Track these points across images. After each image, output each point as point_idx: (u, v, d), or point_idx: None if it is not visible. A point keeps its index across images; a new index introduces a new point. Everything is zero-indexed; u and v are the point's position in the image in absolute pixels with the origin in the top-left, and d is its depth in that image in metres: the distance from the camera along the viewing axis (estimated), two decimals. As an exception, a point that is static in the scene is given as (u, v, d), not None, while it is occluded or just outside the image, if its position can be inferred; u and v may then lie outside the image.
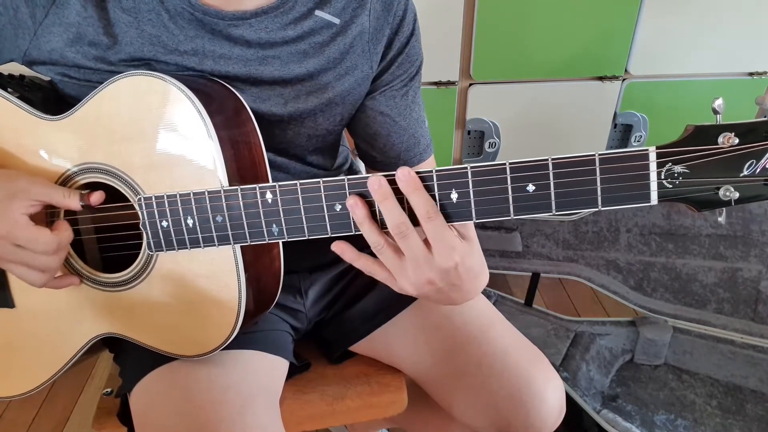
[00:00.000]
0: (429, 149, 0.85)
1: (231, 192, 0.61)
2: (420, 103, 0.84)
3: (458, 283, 0.60)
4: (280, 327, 0.84)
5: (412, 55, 0.79)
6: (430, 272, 0.58)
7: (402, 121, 0.81)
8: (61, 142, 0.68)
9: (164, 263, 0.68)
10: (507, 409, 0.76)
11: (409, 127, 0.82)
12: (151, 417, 0.69)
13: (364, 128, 0.81)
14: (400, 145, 0.82)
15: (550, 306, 1.78)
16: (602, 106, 1.69)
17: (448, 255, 0.57)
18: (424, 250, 0.57)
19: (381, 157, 0.83)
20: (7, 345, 0.76)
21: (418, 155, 0.83)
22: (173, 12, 0.67)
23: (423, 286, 0.59)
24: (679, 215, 1.40)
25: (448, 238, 0.57)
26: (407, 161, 0.83)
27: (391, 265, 0.59)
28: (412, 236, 0.56)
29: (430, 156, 0.86)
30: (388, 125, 0.80)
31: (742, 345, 1.41)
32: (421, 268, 0.58)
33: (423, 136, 0.84)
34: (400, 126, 0.81)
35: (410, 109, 0.81)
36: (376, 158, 0.84)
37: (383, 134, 0.81)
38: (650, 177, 0.51)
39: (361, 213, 0.57)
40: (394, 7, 0.75)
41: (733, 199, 0.51)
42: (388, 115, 0.80)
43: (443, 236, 0.56)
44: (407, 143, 0.82)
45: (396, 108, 0.80)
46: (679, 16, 1.60)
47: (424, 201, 0.55)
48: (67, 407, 1.49)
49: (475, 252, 0.60)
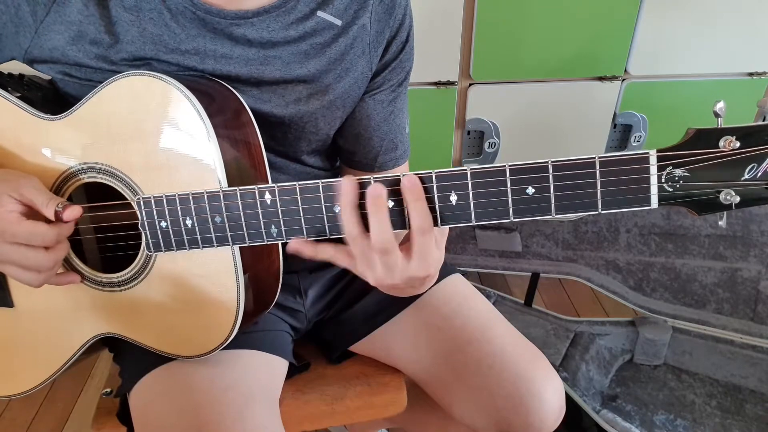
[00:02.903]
0: (405, 155, 0.86)
1: (230, 193, 0.61)
2: (404, 110, 0.84)
3: (417, 286, 0.61)
4: (280, 327, 0.84)
5: (404, 61, 0.80)
6: (400, 279, 0.58)
7: (385, 126, 0.81)
8: (61, 141, 0.68)
9: (163, 263, 0.67)
10: (507, 409, 0.76)
11: (391, 132, 0.82)
12: (151, 417, 0.69)
13: (348, 129, 0.82)
14: (379, 148, 0.83)
15: (550, 306, 1.78)
16: (602, 107, 1.69)
17: (425, 269, 0.58)
18: (401, 262, 0.57)
19: (359, 156, 0.84)
20: (7, 344, 0.76)
21: (394, 159, 0.84)
22: (175, 11, 0.67)
23: (386, 284, 0.60)
24: (678, 215, 1.40)
25: (431, 252, 0.57)
26: (383, 164, 0.84)
27: (360, 255, 0.58)
28: (393, 252, 0.56)
29: (405, 162, 0.87)
30: (372, 129, 0.81)
31: (741, 345, 1.41)
32: (393, 275, 0.58)
33: (402, 142, 0.85)
34: (382, 131, 0.82)
35: (395, 115, 0.82)
36: (354, 156, 0.84)
37: (365, 136, 0.81)
38: (651, 180, 0.51)
39: (348, 199, 0.55)
40: (395, 10, 0.75)
41: (734, 203, 0.51)
42: (374, 119, 0.81)
43: (428, 251, 0.56)
44: (386, 147, 0.83)
45: (382, 113, 0.81)
46: (678, 16, 1.60)
47: (423, 213, 0.55)
48: (67, 407, 1.49)
49: (442, 258, 0.61)
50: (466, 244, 1.60)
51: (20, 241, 0.61)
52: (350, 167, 0.85)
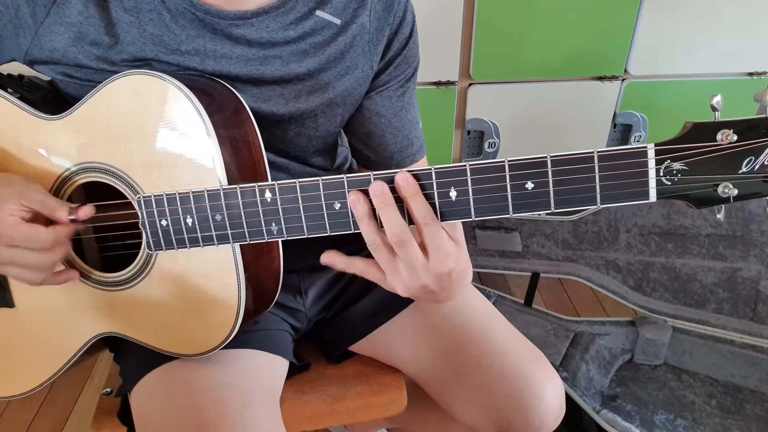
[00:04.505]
0: (422, 150, 0.86)
1: (230, 191, 0.61)
2: (415, 104, 0.84)
3: (448, 286, 0.61)
4: (280, 326, 0.84)
5: (409, 57, 0.80)
6: (426, 277, 0.59)
7: (397, 122, 0.81)
8: (61, 141, 0.68)
9: (164, 262, 0.68)
10: (506, 409, 0.76)
11: (404, 128, 0.82)
12: (152, 416, 0.69)
13: (359, 127, 0.82)
14: (394, 145, 0.82)
15: (550, 306, 1.78)
16: (602, 106, 1.69)
17: (444, 261, 0.58)
18: (421, 257, 0.58)
19: (374, 156, 0.84)
20: (7, 345, 0.76)
21: (411, 156, 0.84)
22: (175, 12, 0.67)
23: (415, 289, 0.60)
24: (678, 215, 1.40)
25: (444, 244, 0.58)
26: (400, 161, 0.84)
27: (386, 264, 0.59)
28: (410, 244, 0.57)
29: (423, 157, 0.87)
30: (383, 126, 0.81)
31: (741, 345, 1.41)
32: (417, 273, 0.58)
33: (417, 138, 0.84)
34: (394, 127, 0.81)
35: (405, 110, 0.82)
36: (370, 157, 0.84)
37: (378, 134, 0.81)
38: (649, 174, 0.51)
39: (363, 209, 0.57)
40: (394, 7, 0.75)
41: (731, 195, 0.51)
42: (384, 116, 0.80)
43: (439, 242, 0.57)
44: (401, 144, 0.83)
45: (392, 109, 0.81)
46: (678, 16, 1.60)
47: (422, 206, 0.56)
48: (67, 407, 1.49)
49: (464, 254, 0.61)
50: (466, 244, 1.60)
51: (17, 244, 0.62)
52: (368, 169, 0.85)
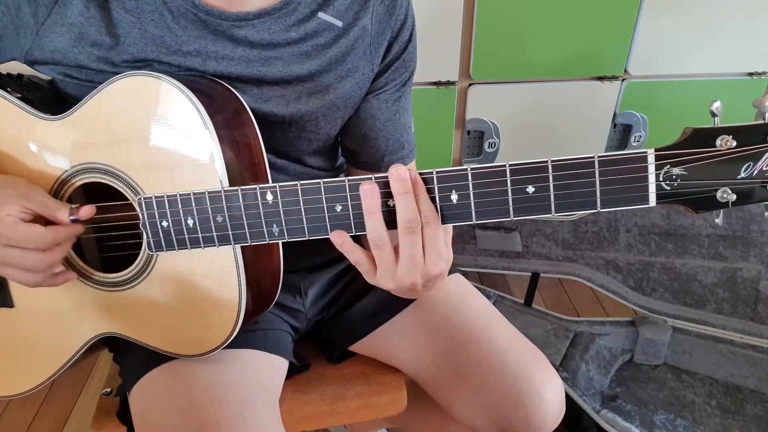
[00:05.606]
0: (412, 154, 0.87)
1: (231, 192, 0.61)
2: (409, 109, 0.85)
3: (431, 287, 0.62)
4: (280, 327, 0.84)
5: (407, 61, 0.80)
6: (417, 276, 0.59)
7: (391, 126, 0.82)
8: (61, 141, 0.68)
9: (164, 263, 0.68)
10: (506, 409, 0.76)
11: (396, 132, 0.83)
12: (151, 416, 0.69)
13: (353, 129, 0.82)
14: (385, 148, 0.83)
15: (550, 306, 1.78)
16: (602, 106, 1.69)
17: (436, 263, 0.59)
18: (422, 254, 0.58)
19: (365, 156, 0.84)
20: (7, 344, 0.76)
21: (401, 159, 0.85)
22: (176, 13, 0.67)
23: (403, 286, 0.61)
24: (678, 215, 1.40)
25: (440, 245, 0.58)
26: (390, 164, 0.84)
27: (385, 262, 0.59)
28: (418, 235, 0.57)
29: (412, 161, 0.88)
30: (377, 129, 0.81)
31: (741, 345, 1.41)
32: (412, 271, 0.59)
33: (408, 141, 0.85)
34: (388, 130, 0.82)
35: (400, 114, 0.82)
36: (361, 157, 0.85)
37: (371, 137, 0.82)
38: (649, 179, 0.52)
39: (376, 203, 0.57)
40: (396, 11, 0.75)
41: (730, 201, 0.51)
42: (378, 119, 0.81)
43: (436, 243, 0.58)
44: (392, 147, 0.83)
45: (387, 112, 0.81)
46: (678, 16, 1.60)
47: (426, 204, 0.56)
48: (67, 407, 1.49)
49: (451, 258, 0.62)
50: (466, 244, 1.60)
51: (15, 244, 0.62)
52: (357, 168, 0.86)
